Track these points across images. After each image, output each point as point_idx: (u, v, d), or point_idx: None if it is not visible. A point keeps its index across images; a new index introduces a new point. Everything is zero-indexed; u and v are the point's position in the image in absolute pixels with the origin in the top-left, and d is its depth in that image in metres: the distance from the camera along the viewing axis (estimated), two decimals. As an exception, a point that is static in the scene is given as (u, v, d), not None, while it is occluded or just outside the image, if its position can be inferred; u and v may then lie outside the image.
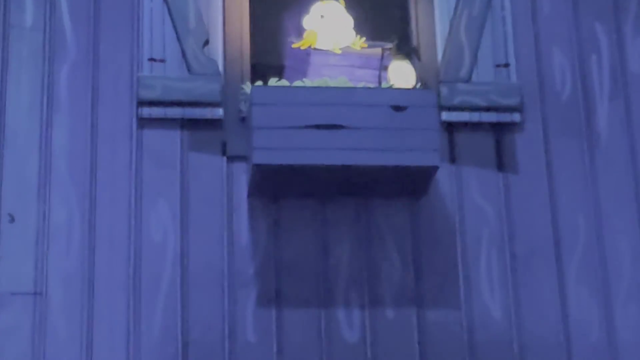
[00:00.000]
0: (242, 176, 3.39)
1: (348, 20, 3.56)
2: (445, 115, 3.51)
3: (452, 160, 3.53)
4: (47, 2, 3.57)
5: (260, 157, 3.09)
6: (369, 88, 3.28)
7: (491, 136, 3.59)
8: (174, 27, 3.54)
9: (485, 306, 3.36)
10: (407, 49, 3.53)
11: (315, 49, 3.51)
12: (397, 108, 3.17)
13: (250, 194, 3.38)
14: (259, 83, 3.42)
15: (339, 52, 3.50)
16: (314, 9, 3.57)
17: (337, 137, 3.12)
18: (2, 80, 3.47)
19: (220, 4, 3.63)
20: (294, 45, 3.57)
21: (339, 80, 3.34)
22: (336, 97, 3.20)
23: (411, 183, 3.35)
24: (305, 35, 3.54)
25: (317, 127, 3.13)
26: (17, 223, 3.30)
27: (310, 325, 3.31)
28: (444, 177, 3.49)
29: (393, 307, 3.35)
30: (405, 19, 3.79)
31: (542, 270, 3.43)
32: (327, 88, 3.23)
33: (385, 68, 3.47)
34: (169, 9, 3.55)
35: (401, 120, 3.17)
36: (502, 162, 3.54)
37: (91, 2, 3.60)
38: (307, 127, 3.12)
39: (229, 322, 3.27)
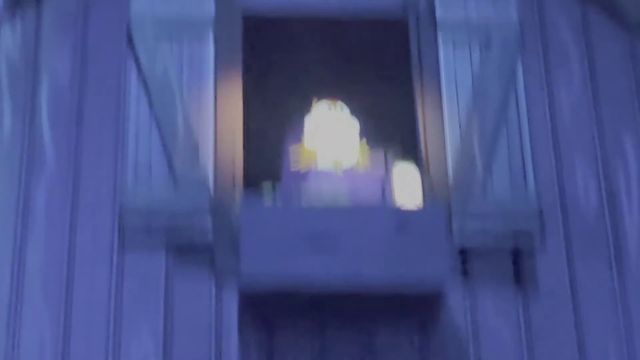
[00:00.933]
0: (232, 302, 3.51)
1: (353, 125, 3.65)
2: (459, 237, 3.66)
3: (466, 287, 3.64)
4: (26, 109, 3.83)
5: (249, 283, 3.25)
6: (369, 207, 3.37)
7: (509, 262, 3.71)
8: (161, 135, 3.75)
9: None
10: (413, 155, 3.57)
11: (314, 170, 3.72)
12: (402, 228, 3.30)
13: (241, 323, 3.50)
14: (251, 190, 3.65)
15: (341, 173, 3.71)
16: (320, 108, 3.78)
17: (334, 260, 3.25)
18: (-26, 193, 3.64)
19: (211, 109, 3.85)
20: (290, 156, 3.79)
21: (338, 200, 3.41)
22: (333, 217, 3.37)
23: (419, 311, 3.49)
24: (304, 153, 3.76)
25: (313, 249, 3.27)
26: None
27: None
28: (456, 299, 3.60)
29: None
30: (411, 127, 3.98)
31: None
32: (323, 208, 3.41)
33: (390, 184, 3.50)
34: (156, 117, 3.78)
35: (406, 241, 3.30)
36: (520, 283, 3.66)
37: (74, 108, 3.85)
38: (301, 249, 3.27)
39: None
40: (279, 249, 3.25)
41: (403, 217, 3.32)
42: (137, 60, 3.85)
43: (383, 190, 3.58)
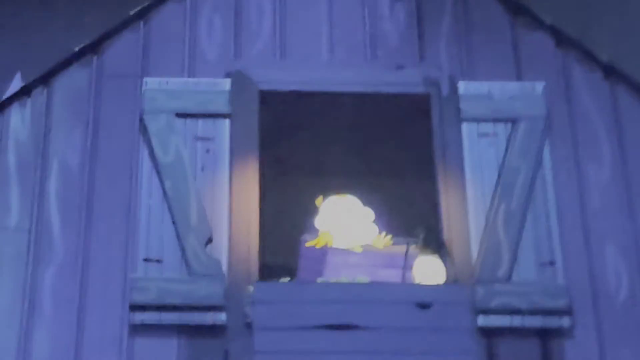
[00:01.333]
0: None
1: (367, 214, 3.69)
2: (482, 320, 3.67)
3: None
4: (34, 200, 3.94)
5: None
6: (389, 283, 3.39)
7: (537, 344, 3.72)
8: (174, 224, 3.84)
9: None
10: (436, 244, 3.63)
11: (332, 247, 3.83)
12: (423, 306, 3.39)
13: None
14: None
15: (360, 250, 3.66)
16: (328, 205, 3.82)
17: (351, 338, 3.31)
18: (-23, 285, 3.82)
19: (226, 198, 3.94)
20: (307, 244, 3.78)
21: (358, 279, 3.43)
22: (350, 294, 3.44)
23: None
24: (320, 234, 3.66)
25: (329, 327, 3.33)
26: None
27: None
28: None
29: None
30: (434, 212, 4.04)
31: None
32: (340, 284, 3.38)
33: (411, 266, 3.52)
34: (168, 205, 3.88)
35: (428, 319, 3.38)
36: None
37: (84, 198, 3.95)
38: (316, 327, 3.33)
39: None
40: (293, 326, 3.32)
41: (425, 293, 3.32)
42: (149, 144, 3.97)
43: (404, 270, 3.60)
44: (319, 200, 3.91)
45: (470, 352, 3.26)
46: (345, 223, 3.75)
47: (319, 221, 3.83)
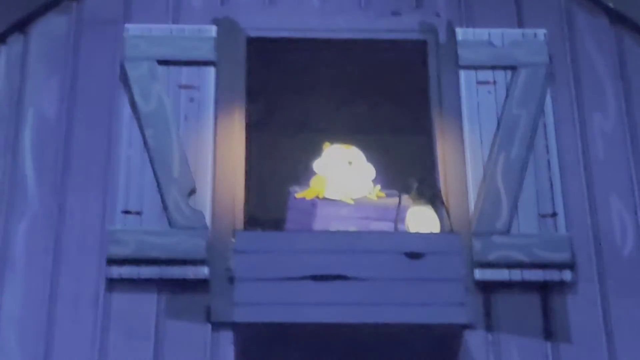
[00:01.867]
0: (229, 346, 3.42)
1: (369, 170, 3.80)
2: (480, 274, 3.62)
3: (489, 327, 3.58)
4: (8, 150, 3.86)
5: (244, 315, 3.18)
6: (379, 232, 3.29)
7: (537, 298, 3.65)
8: (155, 174, 3.75)
9: None
10: (430, 194, 3.53)
11: (322, 199, 3.70)
12: (414, 255, 3.25)
13: None
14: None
15: (352, 202, 3.67)
16: (332, 152, 3.65)
17: (338, 290, 3.20)
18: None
19: (210, 148, 3.85)
20: (297, 195, 3.77)
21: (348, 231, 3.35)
22: (338, 243, 3.37)
23: (434, 348, 3.41)
24: (311, 182, 3.61)
25: (314, 278, 3.21)
26: None
27: None
28: (478, 348, 3.54)
29: None
30: (430, 163, 3.97)
31: None
32: (327, 233, 3.32)
33: (403, 218, 3.49)
34: (149, 156, 3.79)
35: (419, 270, 3.24)
36: (550, 329, 3.58)
37: (60, 149, 3.87)
38: (302, 278, 3.21)
39: None
40: (277, 277, 3.19)
41: (415, 242, 3.24)
42: (130, 93, 3.88)
43: (396, 222, 3.49)
44: (326, 145, 3.78)
45: (463, 304, 3.14)
46: (344, 173, 3.66)
47: (318, 165, 3.70)
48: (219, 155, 3.81)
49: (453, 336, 3.30)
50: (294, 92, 4.18)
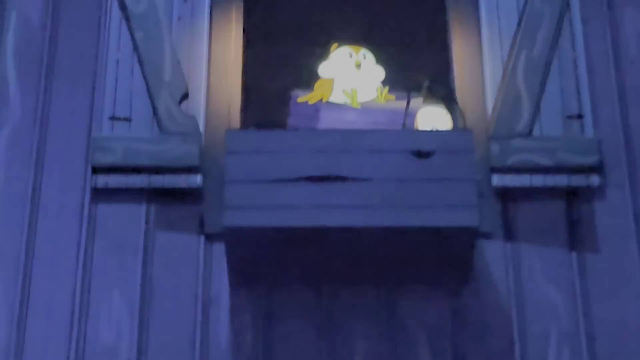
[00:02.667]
0: (223, 259, 3.31)
1: (378, 72, 3.70)
2: (497, 180, 3.49)
3: (508, 237, 3.47)
4: None
5: (234, 219, 3.04)
6: (383, 130, 3.14)
7: (562, 205, 3.53)
8: (145, 79, 3.64)
9: None
10: (442, 92, 3.38)
11: (327, 103, 3.61)
12: (422, 154, 3.10)
13: (233, 281, 3.36)
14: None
15: (358, 106, 3.55)
16: (340, 54, 3.66)
17: (336, 192, 3.06)
18: None
19: (205, 51, 3.74)
20: (299, 100, 3.67)
21: (353, 132, 3.29)
22: (336, 142, 3.26)
23: (448, 260, 3.25)
24: (315, 86, 3.49)
25: (311, 179, 3.07)
26: None
27: None
28: (497, 259, 3.45)
29: None
30: (444, 63, 3.84)
31: None
32: (324, 131, 3.22)
33: (413, 120, 3.39)
34: (139, 59, 3.67)
35: (426, 169, 3.09)
36: (575, 238, 3.47)
37: (44, 53, 3.78)
38: (297, 179, 3.07)
39: None
40: (270, 179, 3.07)
41: (426, 142, 3.09)
42: None
43: (404, 124, 3.35)
44: (333, 47, 3.67)
45: (475, 206, 2.98)
46: (352, 76, 3.54)
47: (324, 68, 3.60)
48: (213, 59, 3.71)
49: (467, 245, 3.13)
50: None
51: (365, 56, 3.63)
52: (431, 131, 3.27)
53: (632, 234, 3.42)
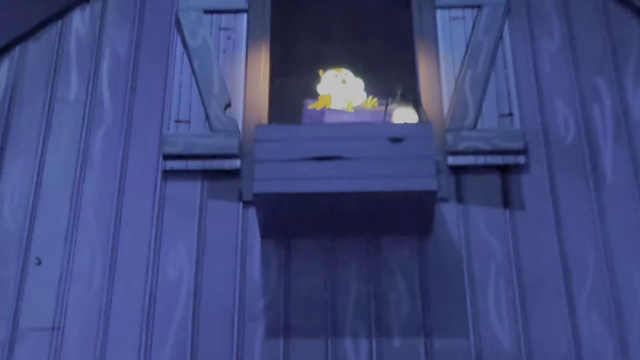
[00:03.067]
0: (255, 219, 3.26)
1: (359, 83, 3.54)
2: (452, 160, 3.41)
3: (459, 200, 3.38)
4: (90, 78, 3.75)
5: (261, 187, 3.01)
6: (368, 123, 3.12)
7: (497, 179, 3.44)
8: (199, 92, 3.60)
9: (494, 335, 3.07)
10: (411, 98, 3.42)
11: (329, 109, 3.49)
12: (395, 140, 3.08)
13: (262, 234, 3.29)
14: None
15: (352, 110, 3.51)
16: (328, 76, 3.59)
17: (336, 167, 3.03)
18: (43, 145, 3.58)
19: (242, 73, 3.69)
20: (310, 107, 3.58)
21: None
22: (335, 132, 3.21)
23: (416, 216, 3.20)
24: (320, 98, 3.56)
25: (317, 159, 3.04)
26: (43, 265, 3.27)
27: (317, 355, 3.07)
28: (451, 216, 3.35)
29: (400, 337, 3.09)
30: (412, 79, 3.75)
31: (551, 299, 3.15)
32: (327, 125, 3.13)
33: (390, 117, 3.41)
34: (195, 78, 3.64)
35: (399, 150, 3.06)
36: (508, 200, 3.39)
37: (129, 77, 3.74)
38: (307, 159, 3.04)
39: (237, 353, 3.08)
40: (288, 159, 3.04)
41: (396, 130, 3.06)
42: (182, 34, 3.72)
43: (384, 119, 3.30)
44: (321, 72, 3.55)
45: (433, 172, 2.92)
46: (340, 89, 3.47)
47: (320, 87, 3.52)
48: (249, 78, 3.62)
49: (430, 205, 3.07)
50: (307, 32, 3.99)
51: (346, 74, 3.50)
52: (403, 124, 3.18)
53: (548, 196, 3.31)
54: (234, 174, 3.41)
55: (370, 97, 3.50)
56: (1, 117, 3.63)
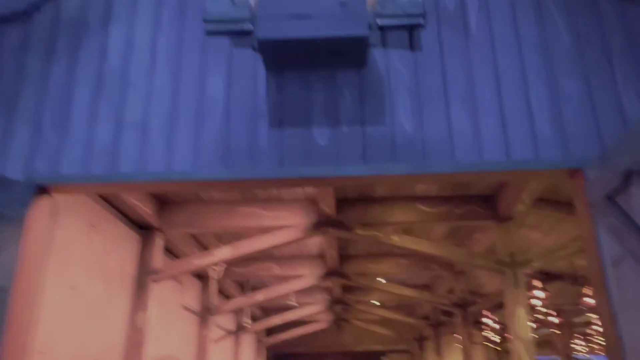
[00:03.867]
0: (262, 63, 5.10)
1: None
2: (379, 21, 5.14)
3: (384, 46, 5.12)
4: None
5: (263, 32, 4.67)
6: None
7: (407, 32, 5.14)
8: None
9: (402, 125, 4.90)
10: None
11: None
12: (343, 4, 4.75)
13: (266, 68, 5.05)
14: None
15: None
16: None
17: (308, 22, 4.71)
18: None
19: None
20: None
21: None
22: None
23: (356, 55, 4.89)
24: None
25: (293, 16, 4.72)
26: (135, 88, 4.90)
27: (299, 138, 4.91)
28: (379, 56, 5.08)
29: (347, 126, 4.90)
30: None
31: (436, 104, 4.94)
32: None
33: None
34: None
35: (345, 10, 4.73)
36: (412, 45, 5.11)
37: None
38: (290, 15, 4.74)
39: (251, 137, 4.90)
40: (278, 14, 4.67)
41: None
42: None
43: None
44: None
45: (366, 27, 4.60)
46: None
47: None
48: None
49: (364, 48, 4.69)
50: None
51: None
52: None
53: (437, 43, 5.01)
54: (250, 33, 5.12)
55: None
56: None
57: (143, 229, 11.63)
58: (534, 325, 18.79)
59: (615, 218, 4.23)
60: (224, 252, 12.33)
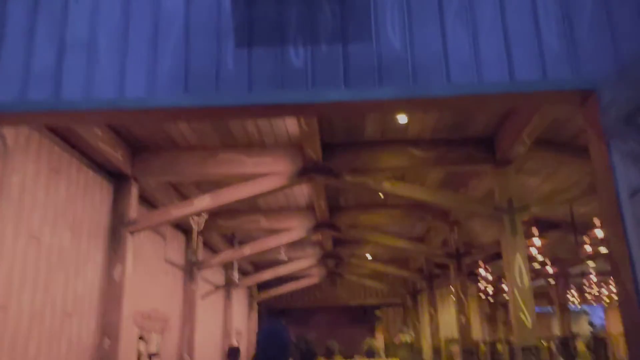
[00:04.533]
0: None
1: None
2: None
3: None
4: None
5: None
6: None
7: None
8: None
9: (390, 41, 4.38)
10: None
11: None
12: None
13: None
14: None
15: None
16: None
17: None
18: None
19: None
20: None
21: None
22: None
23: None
24: None
25: None
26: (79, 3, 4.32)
27: (271, 59, 4.39)
28: None
29: (327, 44, 4.39)
30: None
31: (429, 18, 4.42)
32: None
33: None
34: None
35: None
36: None
37: None
38: None
39: (218, 58, 4.38)
40: None
41: None
42: None
43: None
44: None
45: None
46: None
47: None
48: None
49: None
50: None
51: None
52: None
53: None
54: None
55: None
56: None
57: (115, 176, 11.03)
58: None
59: (634, 141, 3.73)
60: (204, 202, 11.85)
